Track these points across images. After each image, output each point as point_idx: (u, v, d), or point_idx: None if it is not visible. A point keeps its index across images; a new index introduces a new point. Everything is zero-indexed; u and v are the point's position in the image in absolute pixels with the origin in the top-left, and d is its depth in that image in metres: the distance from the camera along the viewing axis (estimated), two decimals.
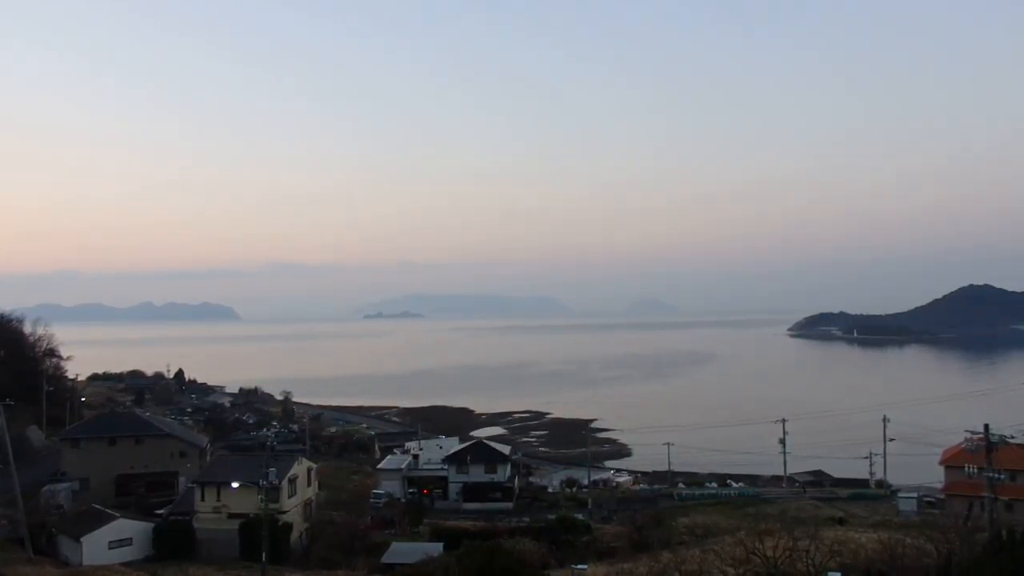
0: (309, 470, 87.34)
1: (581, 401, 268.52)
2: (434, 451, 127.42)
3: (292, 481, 79.56)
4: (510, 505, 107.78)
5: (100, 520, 74.27)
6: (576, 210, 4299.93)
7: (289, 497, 78.22)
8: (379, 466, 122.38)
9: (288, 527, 74.68)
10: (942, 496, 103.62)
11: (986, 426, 69.77)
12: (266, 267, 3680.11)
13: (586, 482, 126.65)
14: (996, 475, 71.66)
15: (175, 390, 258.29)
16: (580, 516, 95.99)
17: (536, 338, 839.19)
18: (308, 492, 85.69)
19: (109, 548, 71.22)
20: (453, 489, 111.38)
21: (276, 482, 73.05)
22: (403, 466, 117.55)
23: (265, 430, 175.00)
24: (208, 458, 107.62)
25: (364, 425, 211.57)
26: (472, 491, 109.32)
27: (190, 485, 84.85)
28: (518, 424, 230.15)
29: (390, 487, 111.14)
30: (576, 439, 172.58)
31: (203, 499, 77.38)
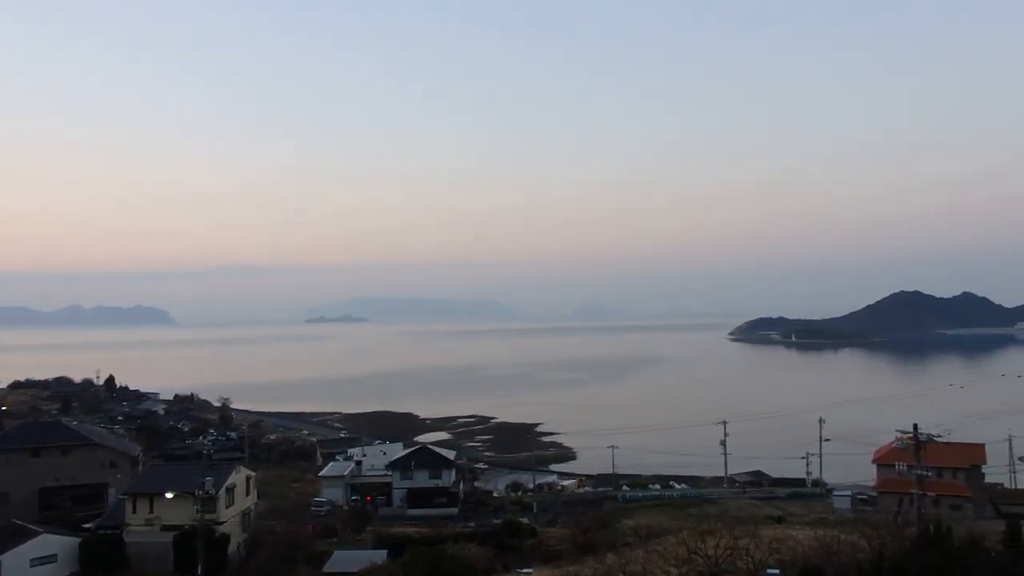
0: (248, 478, 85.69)
1: (526, 405, 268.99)
2: (378, 457, 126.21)
3: (230, 490, 77.94)
4: (455, 510, 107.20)
5: (21, 536, 71.18)
6: (523, 214, 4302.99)
7: (227, 507, 76.58)
8: (321, 473, 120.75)
9: (225, 538, 73.09)
10: (874, 493, 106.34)
11: (915, 425, 72.01)
12: (205, 269, 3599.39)
13: (531, 486, 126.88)
14: (924, 472, 74.03)
15: (105, 397, 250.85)
16: (525, 520, 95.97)
17: (482, 342, 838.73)
18: (247, 501, 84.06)
19: (31, 566, 68.14)
20: (397, 495, 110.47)
21: (213, 491, 71.51)
22: (346, 473, 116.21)
23: (201, 438, 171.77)
24: (140, 468, 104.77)
25: (306, 431, 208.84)
26: (417, 497, 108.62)
27: (121, 496, 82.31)
28: (463, 429, 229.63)
29: (332, 494, 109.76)
30: (521, 443, 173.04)
31: (135, 511, 75.17)
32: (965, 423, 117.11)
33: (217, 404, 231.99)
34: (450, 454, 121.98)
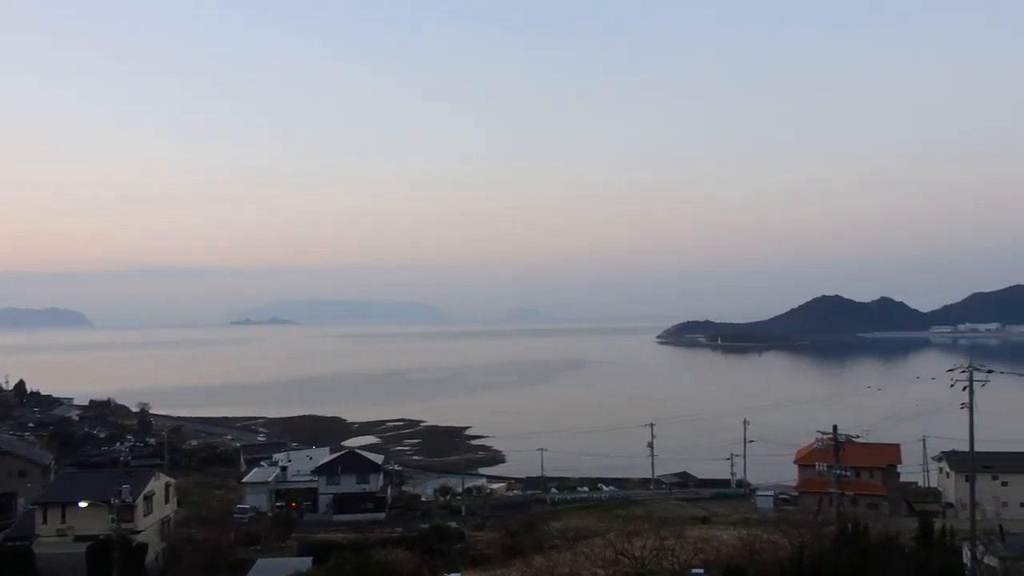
0: (167, 485, 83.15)
1: (456, 408, 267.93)
2: (304, 462, 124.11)
3: (148, 498, 75.45)
4: (383, 515, 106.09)
5: None
6: (454, 216, 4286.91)
7: (145, 515, 74.13)
8: (245, 479, 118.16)
9: (143, 547, 70.67)
10: (796, 493, 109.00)
11: (835, 427, 73.96)
12: (125, 270, 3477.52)
13: (460, 489, 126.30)
14: (843, 472, 76.05)
15: (15, 403, 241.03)
16: (454, 524, 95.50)
17: (412, 345, 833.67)
18: (166, 509, 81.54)
19: None
20: (323, 501, 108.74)
21: (130, 500, 69.12)
22: (270, 479, 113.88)
23: (118, 444, 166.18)
24: (52, 476, 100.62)
25: (229, 437, 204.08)
26: (343, 502, 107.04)
27: (31, 507, 79.01)
28: (392, 433, 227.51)
29: (256, 501, 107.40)
30: (450, 447, 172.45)
31: (45, 521, 72.11)
32: (882, 424, 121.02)
33: (135, 409, 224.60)
34: (378, 458, 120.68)
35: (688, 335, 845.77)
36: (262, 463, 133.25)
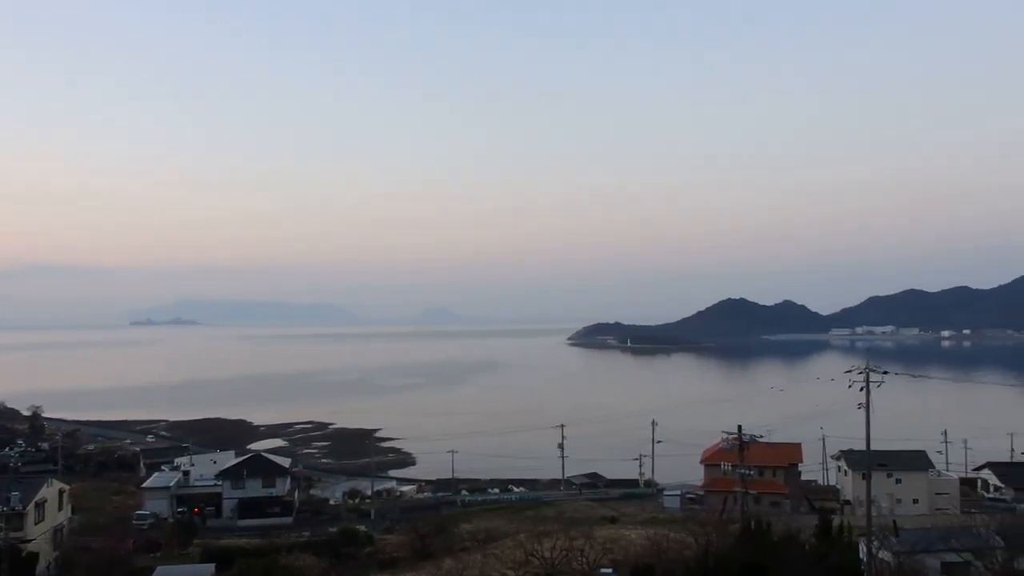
0: (61, 492, 79.41)
1: (366, 410, 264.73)
2: (208, 466, 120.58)
3: (40, 505, 71.87)
4: (289, 519, 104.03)
5: None
6: (364, 215, 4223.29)
7: (36, 523, 70.57)
8: (144, 484, 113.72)
9: (34, 557, 67.24)
10: (702, 492, 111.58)
11: (739, 427, 76.03)
12: (19, 267, 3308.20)
13: (370, 492, 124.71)
14: (747, 471, 78.17)
15: None
16: (363, 527, 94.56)
17: (320, 346, 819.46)
18: (59, 516, 77.84)
19: None
20: (228, 506, 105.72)
21: (20, 507, 65.73)
22: (172, 484, 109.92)
23: (8, 449, 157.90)
24: None
25: (128, 441, 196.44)
26: (248, 507, 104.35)
27: None
28: (300, 435, 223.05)
29: (157, 506, 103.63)
30: (360, 449, 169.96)
31: None
32: (784, 424, 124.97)
33: (27, 413, 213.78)
34: (285, 462, 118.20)
35: (598, 337, 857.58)
36: (163, 467, 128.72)
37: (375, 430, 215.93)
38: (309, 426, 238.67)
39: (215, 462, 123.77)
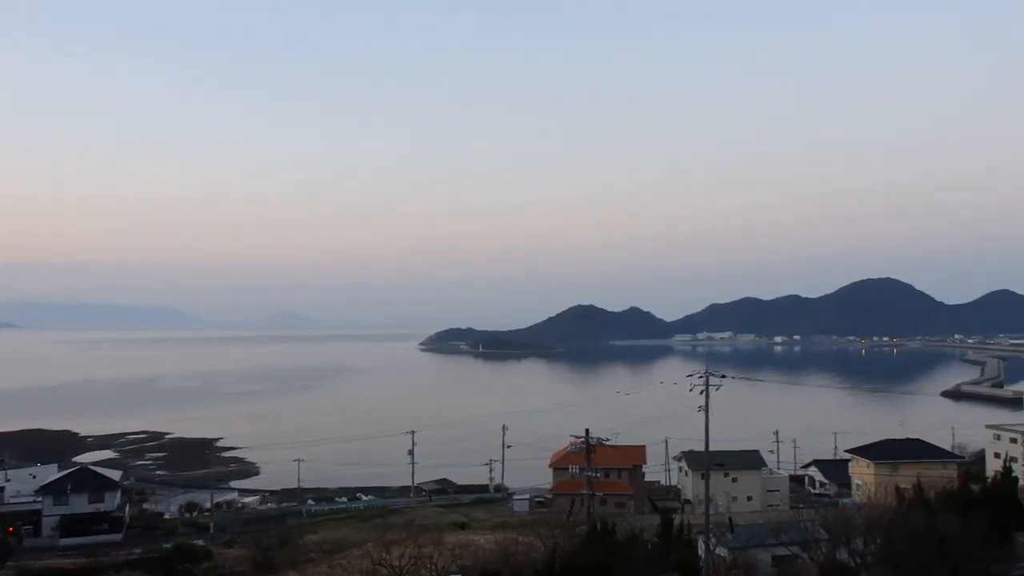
0: None
1: (207, 419, 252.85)
2: (26, 481, 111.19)
3: None
4: (119, 536, 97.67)
5: None
6: (206, 213, 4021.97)
7: None
8: None
9: None
10: (550, 495, 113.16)
11: (587, 430, 77.55)
12: None
13: (208, 505, 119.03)
14: (594, 473, 79.76)
15: None
16: (201, 542, 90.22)
17: (160, 351, 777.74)
18: None
19: None
20: (48, 524, 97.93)
21: None
22: None
23: None
24: None
25: None
26: (72, 524, 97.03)
27: None
28: (133, 446, 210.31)
29: None
30: (200, 459, 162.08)
31: None
32: (629, 427, 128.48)
33: None
34: (115, 475, 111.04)
35: (451, 342, 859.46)
36: None
37: (216, 439, 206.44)
38: (143, 436, 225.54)
39: (35, 476, 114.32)
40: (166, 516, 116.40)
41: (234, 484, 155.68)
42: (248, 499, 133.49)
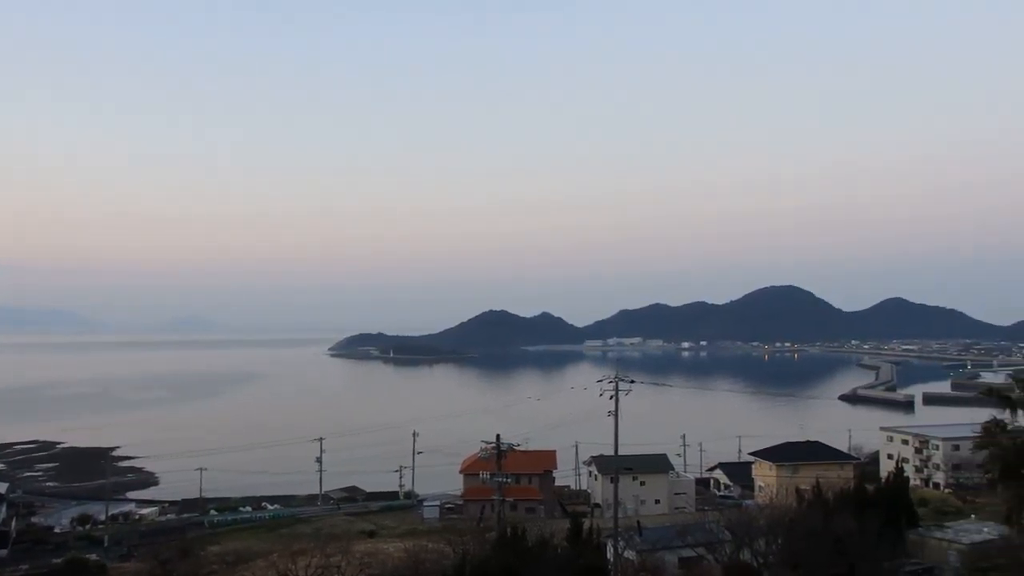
0: None
1: (104, 427, 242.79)
2: None
3: None
4: (4, 552, 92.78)
5: None
6: (109, 217, 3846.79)
7: None
8: None
9: None
10: (461, 501, 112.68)
11: (497, 436, 77.31)
12: None
13: (103, 517, 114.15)
14: (504, 479, 79.62)
15: None
16: (94, 556, 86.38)
17: (51, 356, 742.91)
18: None
19: None
20: None
21: None
22: None
23: None
24: None
25: None
26: None
27: None
28: (20, 457, 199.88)
29: None
30: (94, 470, 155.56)
31: None
32: (540, 432, 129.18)
33: None
34: (1, 487, 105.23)
35: (361, 347, 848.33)
36: None
37: (113, 448, 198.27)
38: (33, 446, 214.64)
39: None
40: (56, 530, 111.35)
41: (131, 495, 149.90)
42: (146, 510, 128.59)
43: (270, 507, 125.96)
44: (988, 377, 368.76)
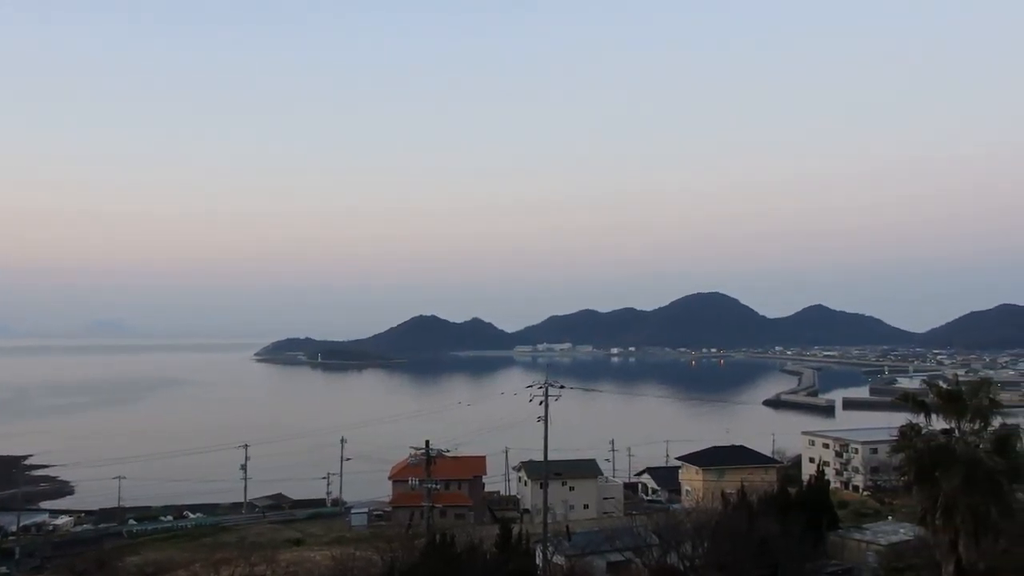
0: None
1: (15, 435, 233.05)
2: None
3: None
4: None
5: None
6: (17, 214, 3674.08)
7: None
8: None
9: None
10: (390, 508, 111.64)
11: (427, 442, 76.91)
12: None
13: (14, 528, 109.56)
14: (434, 485, 79.19)
15: None
16: (4, 569, 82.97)
17: None
18: None
19: None
20: None
21: None
22: None
23: None
24: None
25: None
26: None
27: None
28: None
29: None
30: (5, 479, 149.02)
31: None
32: (470, 437, 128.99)
33: None
34: None
35: (288, 352, 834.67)
36: None
37: (25, 456, 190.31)
38: None
39: None
40: None
41: (45, 505, 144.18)
42: (60, 520, 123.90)
43: (192, 516, 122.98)
44: (904, 382, 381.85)
